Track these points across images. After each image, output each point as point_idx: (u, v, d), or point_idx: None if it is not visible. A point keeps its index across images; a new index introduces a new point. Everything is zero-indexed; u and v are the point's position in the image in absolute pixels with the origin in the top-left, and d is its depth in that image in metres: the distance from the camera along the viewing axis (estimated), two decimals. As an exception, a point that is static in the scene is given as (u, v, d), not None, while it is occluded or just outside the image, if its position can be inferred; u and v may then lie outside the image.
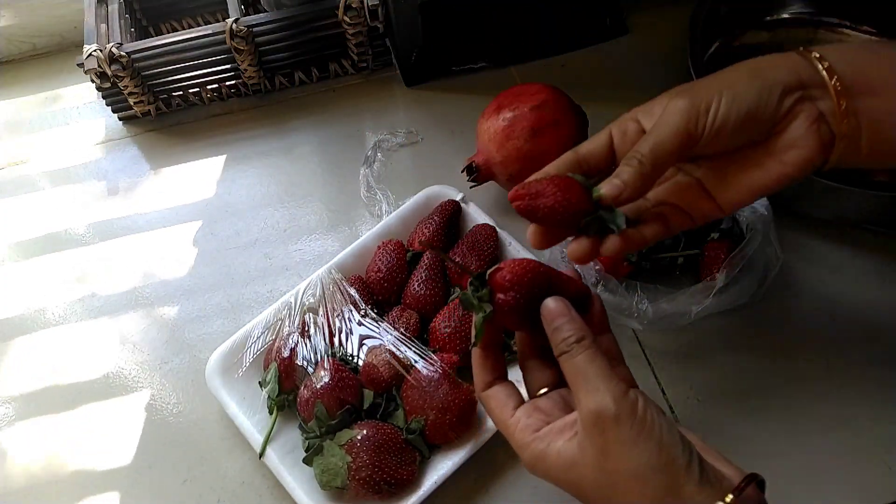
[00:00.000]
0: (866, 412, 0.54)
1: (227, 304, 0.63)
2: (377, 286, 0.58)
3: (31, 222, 0.70)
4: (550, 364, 0.41)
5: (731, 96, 0.39)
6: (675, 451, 0.34)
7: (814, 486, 0.52)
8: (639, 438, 0.34)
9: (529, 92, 0.62)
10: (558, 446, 0.37)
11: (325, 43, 0.74)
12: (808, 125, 0.40)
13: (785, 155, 0.40)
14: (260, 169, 0.72)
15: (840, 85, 0.39)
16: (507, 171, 0.62)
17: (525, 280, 0.38)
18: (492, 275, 0.39)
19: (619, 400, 0.35)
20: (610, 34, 0.79)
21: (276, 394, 0.53)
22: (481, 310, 0.39)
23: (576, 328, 0.38)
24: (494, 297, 0.38)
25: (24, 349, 0.62)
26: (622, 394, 0.35)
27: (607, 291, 0.55)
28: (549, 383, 0.41)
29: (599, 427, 0.35)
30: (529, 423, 0.38)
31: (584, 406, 0.36)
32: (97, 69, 0.67)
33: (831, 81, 0.39)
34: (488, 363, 0.41)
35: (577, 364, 0.37)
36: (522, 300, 0.38)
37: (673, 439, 0.35)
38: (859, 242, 0.63)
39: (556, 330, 0.38)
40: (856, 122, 0.40)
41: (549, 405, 0.39)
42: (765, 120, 0.40)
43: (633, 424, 0.34)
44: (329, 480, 0.49)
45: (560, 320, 0.38)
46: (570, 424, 0.37)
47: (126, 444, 0.56)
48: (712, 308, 0.54)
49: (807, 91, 0.40)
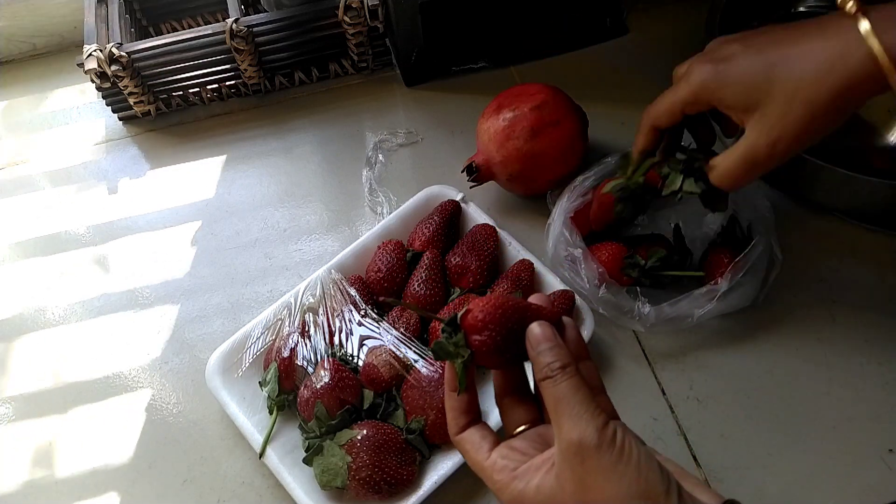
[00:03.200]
0: (866, 412, 0.54)
1: (227, 304, 0.63)
2: (377, 286, 0.58)
3: (31, 222, 0.70)
4: (528, 401, 0.41)
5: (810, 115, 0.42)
6: (654, 479, 0.34)
7: (814, 486, 0.52)
8: (617, 466, 0.34)
9: (529, 92, 0.62)
10: (536, 482, 0.36)
11: (325, 43, 0.74)
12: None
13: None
14: (260, 169, 0.72)
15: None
16: (507, 171, 0.62)
17: (497, 316, 0.37)
18: (463, 318, 0.38)
19: (600, 430, 0.34)
20: (610, 34, 0.79)
21: (276, 394, 0.53)
22: (459, 356, 0.37)
23: (560, 355, 0.37)
24: (470, 340, 0.37)
25: (24, 349, 0.62)
26: (603, 424, 0.35)
27: (609, 293, 0.55)
28: (527, 421, 0.40)
29: (580, 456, 0.34)
30: (506, 464, 0.37)
31: (565, 434, 0.35)
32: (97, 69, 0.67)
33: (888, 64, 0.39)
34: (462, 406, 0.40)
35: (560, 391, 0.36)
36: (500, 338, 0.37)
37: (651, 467, 0.34)
38: (859, 243, 0.63)
39: (540, 354, 0.37)
40: None
41: (525, 445, 0.39)
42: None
43: (612, 453, 0.34)
44: (329, 480, 0.49)
45: (545, 345, 0.37)
46: (548, 460, 0.37)
47: (126, 444, 0.56)
48: (715, 311, 0.54)
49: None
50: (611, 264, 0.56)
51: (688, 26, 0.78)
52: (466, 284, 0.58)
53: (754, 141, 0.44)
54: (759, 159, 0.44)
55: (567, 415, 0.35)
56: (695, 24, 0.72)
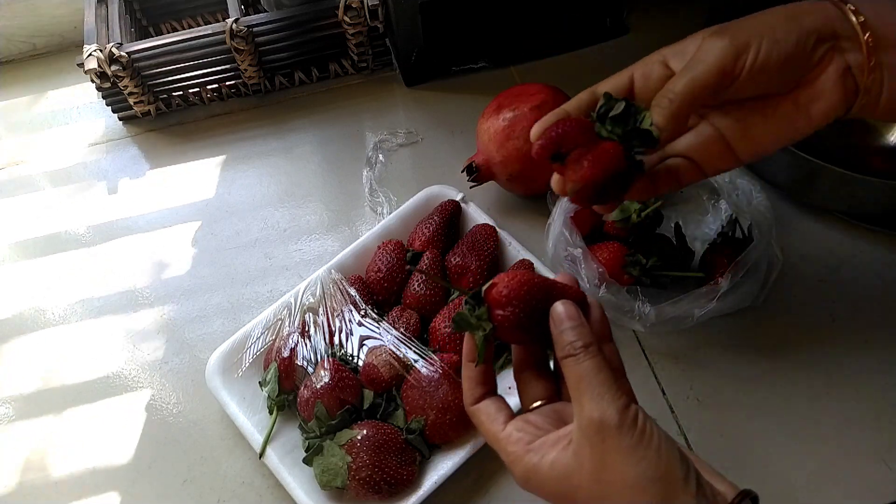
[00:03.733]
0: (866, 412, 0.54)
1: (227, 304, 0.63)
2: (377, 286, 0.58)
3: (31, 222, 0.70)
4: (546, 376, 0.41)
5: (772, 40, 0.39)
6: (674, 464, 0.34)
7: (814, 486, 0.52)
8: (638, 448, 0.34)
9: (529, 92, 0.62)
10: (552, 457, 0.36)
11: (325, 43, 0.74)
12: (837, 78, 0.39)
13: (811, 107, 0.40)
14: (260, 169, 0.72)
15: (872, 40, 0.39)
16: (507, 171, 0.62)
17: (522, 293, 0.37)
18: (487, 291, 0.38)
19: (622, 411, 0.34)
20: (610, 34, 0.79)
21: (276, 394, 0.53)
22: (480, 328, 0.38)
23: (584, 334, 0.37)
24: (493, 315, 0.37)
25: (24, 349, 0.62)
26: (625, 406, 0.35)
27: (609, 293, 0.55)
28: (544, 396, 0.40)
29: (601, 435, 0.34)
30: (521, 437, 0.37)
31: (586, 412, 0.35)
32: (97, 69, 0.67)
33: (864, 36, 0.39)
34: (478, 376, 0.40)
35: (582, 370, 0.36)
36: (523, 315, 0.37)
37: (672, 452, 0.34)
38: (859, 242, 0.63)
39: (562, 332, 0.37)
40: (880, 76, 0.39)
41: (541, 420, 0.39)
42: (800, 66, 0.40)
43: (633, 434, 0.34)
44: (329, 480, 0.49)
45: (568, 323, 0.37)
46: (565, 436, 0.37)
47: (126, 443, 0.56)
48: (715, 311, 0.54)
49: (838, 42, 0.39)
50: (611, 264, 0.56)
51: (688, 26, 0.77)
52: (466, 284, 0.58)
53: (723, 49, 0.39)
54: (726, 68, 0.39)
55: (589, 394, 0.35)
56: (695, 24, 0.71)
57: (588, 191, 0.40)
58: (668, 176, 0.44)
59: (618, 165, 0.40)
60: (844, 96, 0.40)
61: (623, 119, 0.40)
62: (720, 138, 0.43)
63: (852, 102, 0.40)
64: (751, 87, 0.40)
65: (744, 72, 0.39)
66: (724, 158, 0.43)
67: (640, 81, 0.44)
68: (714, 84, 0.39)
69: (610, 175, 0.40)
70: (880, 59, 0.39)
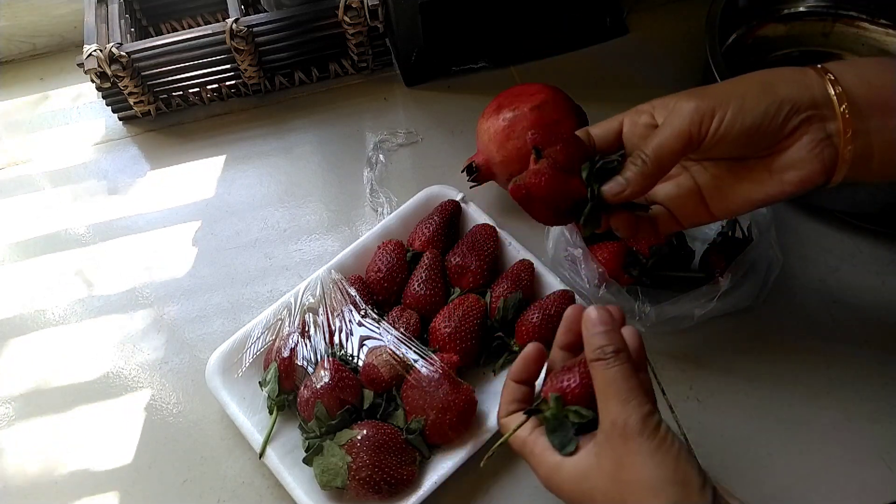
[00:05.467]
0: (866, 412, 0.54)
1: (227, 304, 0.63)
2: (377, 286, 0.58)
3: (31, 222, 0.70)
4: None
5: (738, 107, 0.39)
6: (691, 472, 0.35)
7: (814, 485, 0.52)
8: (658, 452, 0.35)
9: (529, 92, 0.62)
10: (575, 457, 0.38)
11: (325, 43, 0.74)
12: (811, 148, 0.40)
13: (785, 174, 0.41)
14: (260, 169, 0.72)
15: (849, 111, 0.39)
16: (507, 171, 0.62)
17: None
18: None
19: (646, 416, 0.36)
20: (610, 34, 0.79)
21: (276, 394, 0.53)
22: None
23: (616, 339, 0.38)
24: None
25: (24, 349, 0.62)
26: (649, 413, 0.36)
27: (609, 293, 0.55)
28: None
29: (623, 437, 0.36)
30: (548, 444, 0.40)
31: (611, 414, 0.36)
32: (97, 69, 0.67)
33: (840, 108, 0.39)
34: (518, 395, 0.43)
35: (611, 375, 0.37)
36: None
37: (690, 461, 0.36)
38: (859, 242, 0.63)
39: (594, 336, 0.38)
40: (867, 141, 0.39)
41: None
42: (768, 135, 0.40)
43: (655, 439, 0.35)
44: (329, 480, 0.49)
45: (601, 328, 0.38)
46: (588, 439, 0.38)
47: (126, 443, 0.56)
48: (715, 311, 0.54)
49: (818, 111, 0.39)
50: (611, 264, 0.56)
51: (688, 26, 0.78)
52: (466, 284, 0.58)
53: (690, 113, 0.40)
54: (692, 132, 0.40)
55: (616, 398, 0.37)
56: (695, 24, 0.72)
57: (522, 195, 0.44)
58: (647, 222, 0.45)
59: (558, 200, 0.43)
60: (822, 166, 0.40)
61: (607, 175, 0.43)
62: (697, 192, 0.44)
63: (832, 171, 0.40)
64: (717, 151, 0.41)
65: (707, 137, 0.40)
66: (699, 212, 0.44)
67: (628, 127, 0.45)
68: (680, 148, 0.40)
69: (549, 202, 0.43)
70: (866, 126, 0.39)
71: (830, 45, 0.75)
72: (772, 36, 0.76)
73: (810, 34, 0.75)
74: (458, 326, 0.54)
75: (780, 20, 0.76)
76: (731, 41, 0.75)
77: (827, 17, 0.75)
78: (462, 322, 0.54)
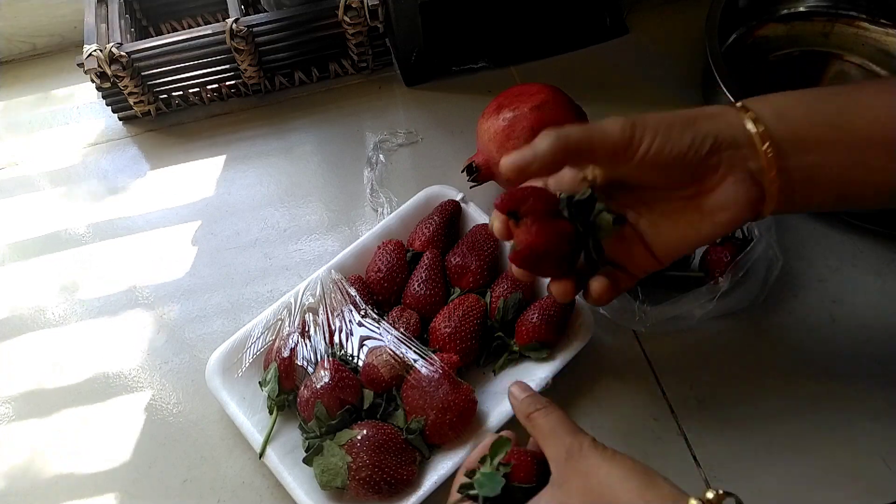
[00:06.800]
0: (866, 412, 0.54)
1: (227, 304, 0.63)
2: (377, 286, 0.58)
3: (31, 222, 0.70)
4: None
5: (666, 136, 0.40)
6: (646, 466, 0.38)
7: (814, 485, 0.52)
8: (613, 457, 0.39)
9: (529, 92, 0.62)
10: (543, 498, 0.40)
11: (325, 43, 0.74)
12: (736, 189, 0.40)
13: (716, 216, 0.42)
14: (260, 169, 0.72)
15: (772, 150, 0.40)
16: (507, 171, 0.62)
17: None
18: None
19: (588, 439, 0.41)
20: (610, 34, 0.79)
21: (276, 394, 0.53)
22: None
23: (543, 398, 0.45)
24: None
25: (24, 349, 0.62)
26: (581, 433, 0.41)
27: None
28: None
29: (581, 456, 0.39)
30: None
31: (564, 444, 0.41)
32: (97, 69, 0.67)
33: (763, 146, 0.40)
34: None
35: (554, 418, 0.43)
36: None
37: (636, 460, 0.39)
38: (859, 243, 0.63)
39: (524, 400, 0.45)
40: (788, 178, 0.40)
41: None
42: (691, 165, 0.41)
43: (597, 451, 0.39)
44: (329, 480, 0.49)
45: (526, 393, 0.46)
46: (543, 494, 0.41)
47: (126, 444, 0.56)
48: (715, 312, 0.54)
49: (738, 150, 0.40)
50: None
51: (688, 26, 0.78)
52: (466, 284, 0.58)
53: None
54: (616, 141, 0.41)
55: (565, 431, 0.42)
56: (695, 24, 0.72)
57: (526, 256, 0.43)
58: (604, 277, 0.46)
59: (559, 244, 0.43)
60: (749, 204, 0.41)
61: (586, 206, 0.44)
62: (640, 239, 0.45)
63: (761, 205, 0.41)
64: (646, 175, 0.42)
65: (637, 155, 0.40)
66: (646, 258, 0.45)
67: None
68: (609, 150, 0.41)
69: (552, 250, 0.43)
70: (787, 164, 0.40)
71: (830, 45, 0.75)
72: (772, 36, 0.76)
73: (810, 34, 0.76)
74: (458, 326, 0.54)
75: (780, 20, 0.76)
76: (731, 41, 0.75)
77: (826, 16, 0.75)
78: (462, 322, 0.54)
